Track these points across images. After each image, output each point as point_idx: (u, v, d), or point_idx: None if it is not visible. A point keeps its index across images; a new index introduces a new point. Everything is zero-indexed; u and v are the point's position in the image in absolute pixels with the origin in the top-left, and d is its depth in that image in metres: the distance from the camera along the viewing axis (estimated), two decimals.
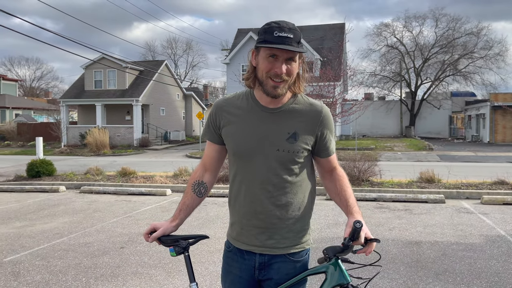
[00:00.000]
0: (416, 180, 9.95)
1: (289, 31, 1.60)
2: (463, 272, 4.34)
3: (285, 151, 1.69)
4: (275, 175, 1.70)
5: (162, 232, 1.81)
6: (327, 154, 1.81)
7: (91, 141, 23.80)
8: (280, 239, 1.73)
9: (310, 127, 1.73)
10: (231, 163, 1.81)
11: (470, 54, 36.24)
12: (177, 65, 63.61)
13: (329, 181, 1.84)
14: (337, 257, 1.69)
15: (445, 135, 36.94)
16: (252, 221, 1.74)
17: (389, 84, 39.13)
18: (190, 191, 1.85)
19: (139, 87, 30.35)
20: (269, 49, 1.61)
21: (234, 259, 1.81)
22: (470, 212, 7.28)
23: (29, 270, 4.47)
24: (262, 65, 1.65)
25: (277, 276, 1.74)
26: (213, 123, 1.82)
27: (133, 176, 11.22)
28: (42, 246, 5.43)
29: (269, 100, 1.72)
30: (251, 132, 1.72)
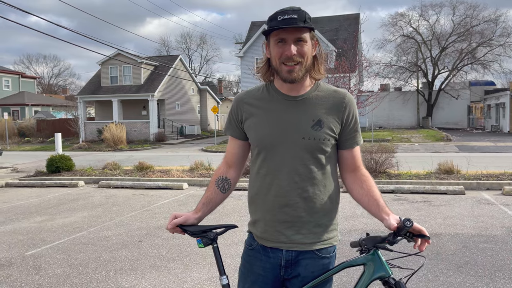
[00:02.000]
0: (434, 172, 9.80)
1: (293, 13, 1.57)
2: (485, 265, 4.25)
3: (311, 139, 1.64)
4: (302, 165, 1.64)
5: (184, 220, 1.75)
6: (353, 143, 1.73)
7: (108, 136, 24.11)
8: (307, 233, 1.67)
9: (335, 113, 1.68)
10: (254, 157, 1.75)
11: (488, 42, 35.38)
12: (191, 60, 63.85)
13: (352, 181, 1.75)
14: (377, 248, 1.61)
15: (464, 126, 36.27)
16: (277, 215, 1.67)
17: (405, 75, 38.50)
18: (213, 185, 1.80)
19: (154, 82, 30.55)
20: (276, 34, 1.59)
21: (257, 258, 1.73)
22: (491, 204, 7.13)
23: (50, 264, 4.55)
24: (273, 53, 1.63)
25: (304, 273, 1.67)
26: (235, 117, 1.78)
27: (150, 171, 11.32)
28: (62, 240, 5.52)
29: (289, 88, 1.67)
30: (274, 122, 1.67)
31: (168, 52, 62.10)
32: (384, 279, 1.60)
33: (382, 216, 1.63)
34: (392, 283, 1.59)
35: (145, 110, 31.49)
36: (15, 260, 4.71)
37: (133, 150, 22.97)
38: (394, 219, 1.57)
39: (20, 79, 44.62)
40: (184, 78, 34.84)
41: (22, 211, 7.47)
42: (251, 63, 29.26)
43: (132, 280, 4.03)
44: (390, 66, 37.02)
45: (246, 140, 1.78)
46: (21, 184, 10.61)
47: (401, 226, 1.52)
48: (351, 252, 4.58)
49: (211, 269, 4.29)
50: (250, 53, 29.60)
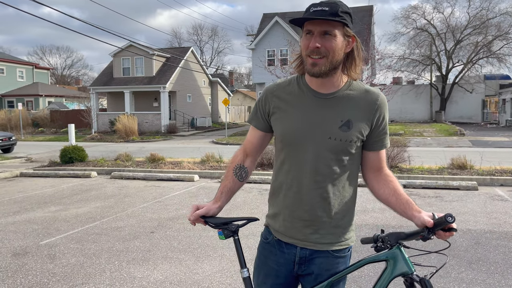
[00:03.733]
0: (447, 167, 9.70)
1: (326, 5, 1.53)
2: (497, 262, 4.22)
3: (337, 140, 1.60)
4: (325, 165, 1.61)
5: (205, 211, 1.75)
6: (381, 146, 1.69)
7: (120, 127, 24.31)
8: (325, 234, 1.65)
9: (366, 115, 1.62)
10: (278, 150, 1.73)
11: (504, 35, 34.65)
12: (202, 52, 63.85)
13: (377, 181, 1.72)
14: (400, 244, 1.59)
15: (478, 120, 35.74)
16: (296, 212, 1.66)
17: (418, 68, 37.96)
18: (231, 174, 1.80)
19: (166, 74, 30.65)
20: (305, 25, 1.56)
21: (272, 252, 1.73)
22: (504, 200, 7.05)
23: (65, 253, 4.64)
24: (302, 44, 1.59)
25: (317, 271, 1.67)
26: (262, 108, 1.74)
27: (162, 162, 11.41)
28: (76, 230, 5.61)
29: (319, 84, 1.63)
30: (301, 118, 1.63)
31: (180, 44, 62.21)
32: (407, 276, 1.58)
33: (413, 214, 1.60)
34: (416, 279, 1.57)
35: (157, 102, 31.64)
36: (30, 249, 4.81)
37: (145, 141, 23.14)
38: (428, 215, 1.56)
39: (34, 70, 45.11)
40: (195, 70, 34.89)
41: (36, 200, 7.60)
42: (262, 55, 29.15)
43: (145, 271, 4.08)
44: (403, 59, 36.55)
45: (268, 132, 1.76)
46: (36, 174, 10.78)
47: (441, 221, 1.50)
48: (362, 247, 4.58)
49: (222, 261, 4.33)
50: (262, 45, 29.47)
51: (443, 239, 1.57)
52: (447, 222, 1.48)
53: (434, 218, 1.54)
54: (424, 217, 1.55)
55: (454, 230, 1.54)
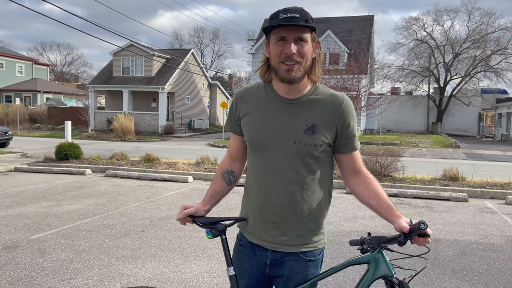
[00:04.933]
0: (439, 178, 9.79)
1: (295, 11, 1.55)
2: (481, 272, 4.29)
3: (301, 144, 1.62)
4: (291, 169, 1.64)
5: (195, 211, 1.77)
6: (350, 149, 1.71)
7: (117, 126, 24.33)
8: (293, 236, 1.68)
9: (330, 119, 1.65)
10: (248, 154, 1.78)
11: (503, 50, 35.03)
12: (203, 54, 64.03)
13: (356, 184, 1.73)
14: (382, 248, 1.63)
15: (474, 133, 35.98)
16: (265, 215, 1.69)
17: (416, 79, 38.27)
18: (219, 178, 1.83)
19: (165, 75, 30.72)
20: (276, 32, 1.57)
21: (245, 253, 1.78)
22: (493, 212, 7.14)
23: (55, 248, 4.67)
24: (273, 51, 1.60)
25: (287, 274, 1.70)
26: (234, 113, 1.79)
27: (157, 162, 11.45)
28: (67, 225, 5.65)
29: (287, 90, 1.66)
30: (268, 123, 1.67)
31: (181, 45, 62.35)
32: (387, 278, 1.63)
33: (393, 219, 1.63)
34: (395, 282, 1.62)
35: (155, 102, 31.69)
36: (21, 243, 4.84)
37: (141, 141, 23.16)
38: (405, 221, 1.58)
39: (33, 66, 45.12)
40: (195, 72, 34.98)
41: (29, 195, 7.63)
42: None
43: (133, 268, 4.13)
44: (402, 69, 36.81)
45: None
46: (30, 170, 10.79)
47: (415, 228, 1.54)
48: (350, 252, 4.64)
49: (210, 261, 4.38)
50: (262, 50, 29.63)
51: (419, 245, 1.60)
52: (420, 229, 1.53)
53: (411, 224, 1.58)
54: (402, 222, 1.58)
55: (428, 237, 1.58)
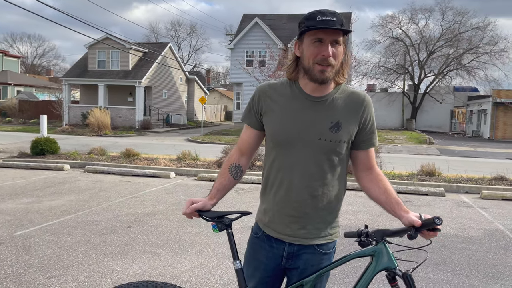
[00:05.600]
0: (416, 173, 10.07)
1: (331, 15, 1.60)
2: (462, 263, 4.46)
3: (327, 140, 1.68)
4: (315, 165, 1.70)
5: (202, 205, 1.78)
6: (369, 144, 1.79)
7: (93, 121, 23.86)
8: (311, 229, 1.74)
9: (353, 116, 1.72)
10: (269, 149, 1.80)
11: (475, 49, 36.05)
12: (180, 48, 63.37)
13: (368, 180, 1.81)
14: (385, 241, 1.69)
15: (446, 130, 37.01)
16: (285, 209, 1.74)
17: (392, 76, 38.96)
18: (227, 172, 1.84)
19: (142, 69, 30.29)
20: (314, 33, 1.61)
21: (262, 246, 1.81)
22: (469, 206, 7.41)
23: (40, 245, 4.59)
24: (307, 52, 1.64)
25: (303, 266, 1.76)
26: (255, 107, 1.80)
27: (137, 158, 11.32)
28: (50, 222, 5.54)
29: (314, 88, 1.70)
30: (293, 120, 1.71)
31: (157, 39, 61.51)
32: (390, 270, 1.69)
33: (400, 214, 1.70)
34: (399, 274, 1.68)
35: (132, 97, 31.22)
36: (4, 239, 4.73)
37: (118, 136, 22.80)
38: (415, 216, 1.66)
39: (3, 58, 43.59)
40: (172, 67, 34.60)
41: (7, 192, 7.43)
42: (241, 55, 29.23)
43: (123, 264, 4.10)
44: (378, 67, 37.43)
45: (262, 130, 1.82)
46: (5, 165, 10.48)
47: (429, 222, 1.61)
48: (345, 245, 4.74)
49: (200, 256, 4.39)
50: (241, 45, 29.56)
51: (427, 238, 1.68)
52: (435, 224, 1.60)
53: (421, 219, 1.66)
54: (412, 217, 1.66)
55: (438, 231, 1.65)
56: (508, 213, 6.91)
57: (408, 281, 1.69)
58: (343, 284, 3.81)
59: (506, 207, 7.38)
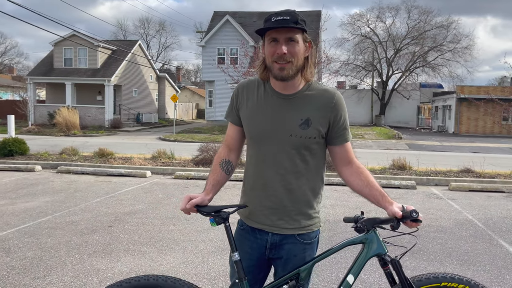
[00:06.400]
0: (388, 167, 10.40)
1: (286, 14, 1.68)
2: (436, 251, 4.69)
3: (297, 137, 1.76)
4: (287, 159, 1.78)
5: (201, 200, 1.81)
6: (343, 140, 1.85)
7: (61, 121, 23.22)
8: (289, 220, 1.82)
9: (323, 112, 1.78)
10: (248, 145, 1.90)
11: (439, 47, 37.35)
12: (149, 46, 62.41)
13: (349, 174, 1.87)
14: (375, 228, 1.81)
15: (413, 125, 38.17)
16: (264, 202, 1.83)
17: (361, 73, 39.85)
18: (218, 168, 1.90)
19: (111, 67, 29.69)
20: (269, 34, 1.70)
21: (246, 237, 1.90)
22: (439, 198, 7.74)
23: (20, 247, 4.50)
24: (266, 52, 1.74)
25: (286, 256, 1.84)
26: (235, 104, 1.90)
27: (111, 157, 11.15)
28: (27, 224, 5.43)
29: (282, 86, 1.78)
30: (266, 117, 1.79)
31: (126, 36, 60.36)
32: (380, 256, 1.81)
33: (385, 205, 1.79)
34: (388, 260, 1.81)
35: (101, 95, 30.56)
36: None
37: (88, 136, 22.31)
38: (397, 207, 1.76)
39: None
40: (142, 64, 34.09)
41: None
42: (213, 53, 29.14)
43: (108, 263, 4.09)
44: (348, 64, 38.13)
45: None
46: None
47: (407, 215, 1.72)
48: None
49: (185, 253, 4.43)
50: (212, 43, 29.46)
51: (410, 228, 1.79)
52: (411, 217, 1.72)
53: (403, 210, 1.76)
54: (394, 208, 1.75)
55: (420, 222, 1.77)
56: (476, 203, 7.27)
57: (396, 266, 1.82)
58: (341, 271, 3.94)
59: (474, 198, 7.76)
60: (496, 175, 9.69)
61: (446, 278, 1.86)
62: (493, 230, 5.60)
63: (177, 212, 6.13)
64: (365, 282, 3.74)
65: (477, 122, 30.06)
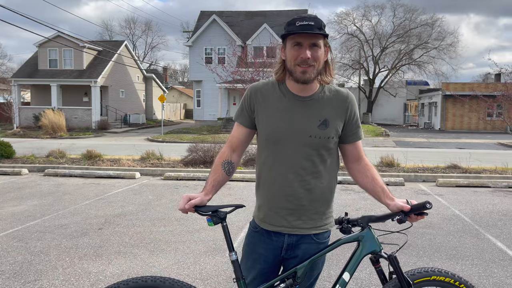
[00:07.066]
0: (377, 164, 10.50)
1: (310, 20, 1.72)
2: (425, 247, 4.76)
3: (317, 137, 1.80)
4: (307, 160, 1.81)
5: (200, 201, 1.81)
6: (356, 138, 1.91)
7: (47, 123, 22.93)
8: (307, 220, 1.85)
9: (339, 112, 1.85)
10: (262, 147, 1.89)
11: (424, 44, 37.79)
12: (135, 46, 61.87)
13: (357, 171, 1.94)
14: (370, 226, 1.83)
15: (400, 122, 38.57)
16: (281, 203, 1.84)
17: (348, 72, 40.14)
18: (220, 169, 1.89)
19: (98, 68, 29.41)
20: (293, 38, 1.74)
21: (261, 240, 1.90)
22: (427, 194, 7.84)
23: (9, 251, 4.44)
24: (289, 55, 1.77)
25: (301, 255, 1.87)
26: (248, 106, 1.90)
27: (99, 159, 11.06)
28: (16, 228, 5.36)
29: (300, 89, 1.82)
30: (284, 119, 1.81)
31: (111, 37, 59.76)
32: (375, 253, 1.84)
33: (386, 201, 1.87)
34: (384, 256, 1.84)
35: (87, 97, 30.25)
36: None
37: (74, 138, 22.07)
38: (402, 201, 1.82)
39: None
40: (129, 65, 33.81)
41: None
42: (200, 52, 29.03)
43: (99, 266, 4.07)
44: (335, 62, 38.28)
45: (253, 129, 1.92)
46: None
47: (420, 206, 1.76)
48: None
49: (176, 254, 4.42)
50: (200, 42, 29.35)
51: (413, 222, 1.85)
52: (425, 208, 1.75)
53: (412, 204, 1.81)
54: (400, 203, 1.83)
55: (426, 214, 1.82)
56: (463, 199, 7.39)
57: (394, 262, 1.85)
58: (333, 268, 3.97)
59: (460, 193, 7.89)
60: (482, 171, 9.85)
61: (435, 272, 1.95)
62: (480, 224, 5.70)
63: (168, 213, 6.11)
64: (356, 279, 3.78)
65: (463, 119, 30.49)
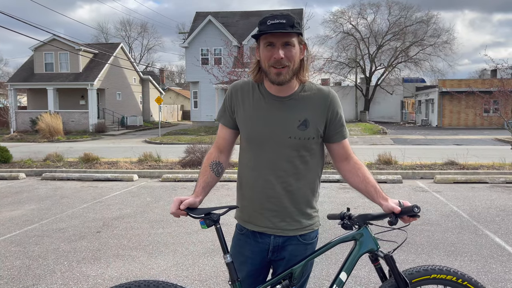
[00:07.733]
0: (375, 162, 10.51)
1: (282, 17, 1.63)
2: (423, 244, 4.77)
3: (296, 138, 1.75)
4: (287, 162, 1.77)
5: (191, 202, 1.76)
6: (340, 137, 1.85)
7: (44, 127, 22.87)
8: (291, 221, 1.81)
9: (320, 112, 1.78)
10: (243, 148, 1.87)
11: (420, 42, 37.85)
12: (131, 48, 61.74)
13: (347, 171, 1.88)
14: (367, 225, 1.81)
15: (397, 120, 38.60)
16: (264, 204, 1.81)
17: (344, 70, 40.17)
18: (208, 170, 1.87)
19: (94, 71, 29.34)
20: (265, 37, 1.67)
21: (247, 242, 1.88)
22: (425, 191, 7.86)
23: (7, 256, 4.43)
24: (262, 56, 1.70)
25: (288, 257, 1.84)
26: (229, 106, 1.87)
27: (97, 162, 11.04)
28: (14, 232, 5.34)
29: (278, 89, 1.77)
30: (264, 120, 1.77)
31: (107, 39, 59.61)
32: (373, 252, 1.81)
33: (379, 201, 1.80)
34: (381, 255, 1.81)
35: (84, 100, 30.19)
36: None
37: (72, 141, 22.02)
38: (394, 203, 1.76)
39: None
40: (125, 67, 33.75)
41: None
42: (196, 54, 29.01)
43: (98, 269, 4.06)
44: (331, 61, 38.34)
45: (236, 129, 1.89)
46: None
47: (408, 210, 1.71)
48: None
49: (175, 256, 4.42)
50: (196, 43, 29.32)
51: (405, 223, 1.79)
52: (413, 212, 1.70)
53: (401, 206, 1.76)
54: (391, 204, 1.76)
55: (418, 217, 1.77)
56: (461, 195, 7.41)
57: (390, 262, 1.83)
58: (331, 267, 3.98)
59: (458, 190, 7.90)
60: (479, 167, 9.88)
61: (435, 270, 1.90)
62: (478, 220, 5.72)
63: (166, 215, 6.10)
64: (355, 277, 3.78)
65: (460, 115, 30.54)
